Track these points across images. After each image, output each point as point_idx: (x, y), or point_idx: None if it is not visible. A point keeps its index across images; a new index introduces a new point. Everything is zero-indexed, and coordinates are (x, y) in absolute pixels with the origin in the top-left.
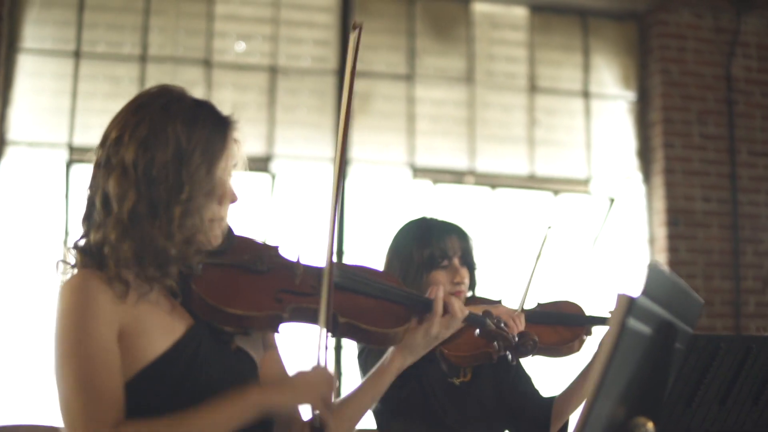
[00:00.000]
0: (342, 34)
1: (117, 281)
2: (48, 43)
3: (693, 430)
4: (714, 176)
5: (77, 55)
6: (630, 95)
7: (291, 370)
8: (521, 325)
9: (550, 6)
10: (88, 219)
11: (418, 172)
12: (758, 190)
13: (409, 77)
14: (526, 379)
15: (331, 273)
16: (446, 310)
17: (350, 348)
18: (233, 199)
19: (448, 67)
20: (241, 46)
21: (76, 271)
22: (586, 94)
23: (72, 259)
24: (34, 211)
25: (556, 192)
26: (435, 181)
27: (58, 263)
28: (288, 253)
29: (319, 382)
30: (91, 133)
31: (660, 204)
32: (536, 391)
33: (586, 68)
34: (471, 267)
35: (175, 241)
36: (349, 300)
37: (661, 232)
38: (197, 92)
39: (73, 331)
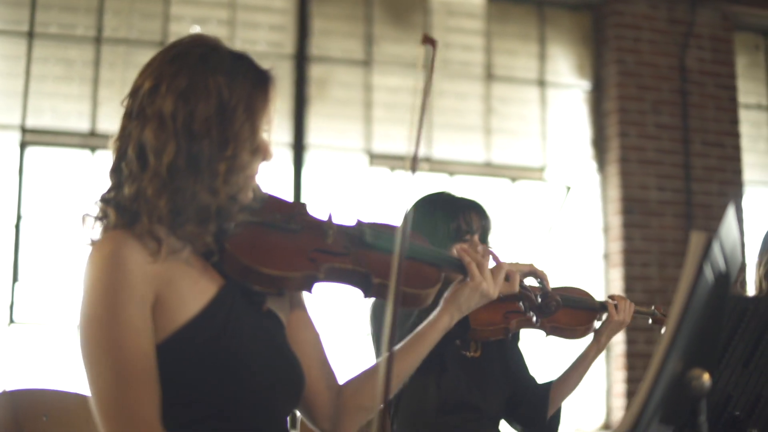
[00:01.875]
0: (299, 20)
1: (149, 238)
2: (0, 24)
3: (717, 393)
4: (668, 166)
5: (30, 36)
6: (585, 84)
7: (321, 330)
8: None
9: None
10: (116, 171)
11: (375, 158)
12: (711, 180)
13: (366, 63)
14: (523, 365)
15: (401, 253)
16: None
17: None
18: (268, 158)
19: (404, 54)
20: (195, 30)
21: (104, 229)
22: (541, 83)
23: (101, 214)
24: None
25: (512, 179)
26: (392, 168)
27: (84, 217)
28: (316, 211)
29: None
30: (44, 115)
31: (615, 193)
32: (532, 378)
33: (542, 57)
34: (486, 244)
35: (221, 197)
36: (383, 260)
37: (616, 221)
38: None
39: (103, 310)
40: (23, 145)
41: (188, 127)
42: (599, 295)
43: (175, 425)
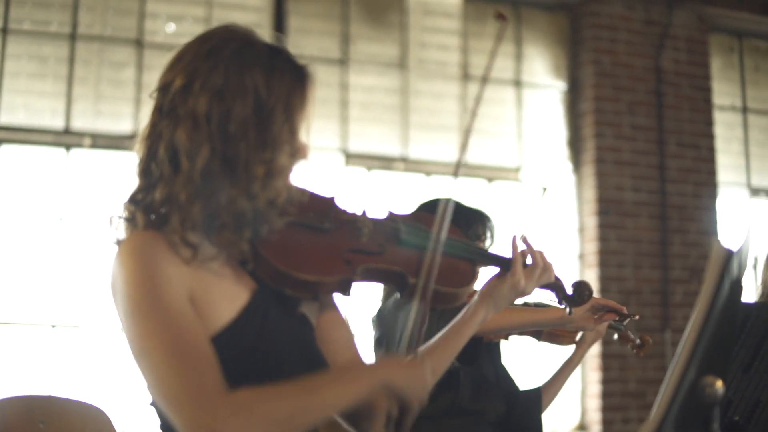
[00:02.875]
0: (276, 18)
1: (183, 245)
2: None
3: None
4: (643, 167)
5: (4, 32)
6: (561, 85)
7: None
8: None
9: None
10: (147, 172)
11: (351, 158)
12: (686, 181)
13: (343, 62)
14: (509, 375)
15: (433, 260)
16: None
17: None
18: (305, 158)
19: (381, 53)
20: (171, 28)
21: (132, 231)
22: (517, 84)
23: (129, 215)
24: None
25: (488, 179)
26: (368, 168)
27: (112, 219)
28: (346, 205)
29: (428, 384)
30: (17, 113)
31: (590, 193)
32: (518, 386)
33: (519, 58)
34: None
35: (259, 203)
36: (419, 259)
37: (592, 222)
38: (128, 73)
39: (144, 297)
40: None
41: (224, 128)
42: None
43: None
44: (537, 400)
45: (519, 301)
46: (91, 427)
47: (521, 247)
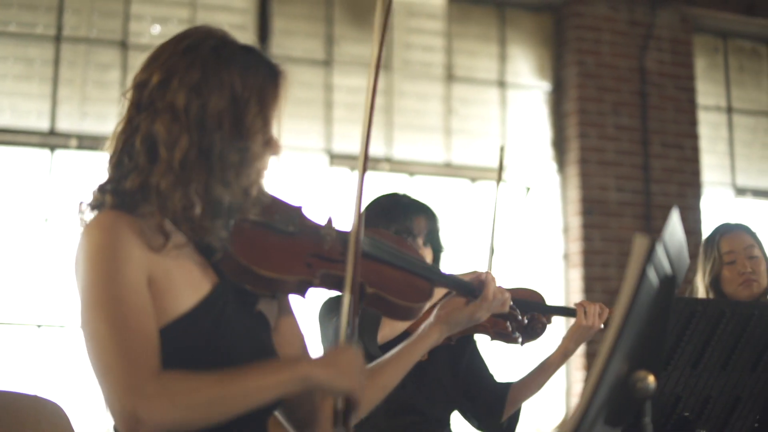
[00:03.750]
0: (260, 19)
1: (158, 232)
2: None
3: (666, 394)
4: (627, 167)
5: None
6: (545, 86)
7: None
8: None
9: None
10: (118, 162)
11: (335, 158)
12: (669, 181)
13: (327, 63)
14: (481, 363)
15: (358, 242)
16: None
17: None
18: (277, 153)
19: (365, 54)
20: (156, 29)
21: (101, 211)
22: (502, 84)
23: (95, 202)
24: None
25: (473, 180)
26: (352, 168)
27: (81, 204)
28: (312, 215)
29: (359, 367)
30: (3, 114)
31: (574, 193)
32: (491, 376)
33: (503, 58)
34: (436, 248)
35: (234, 191)
36: (377, 270)
37: (576, 221)
38: (113, 75)
39: (102, 273)
40: None
41: (201, 120)
42: (558, 295)
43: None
44: (502, 395)
45: None
46: (46, 422)
47: (491, 284)
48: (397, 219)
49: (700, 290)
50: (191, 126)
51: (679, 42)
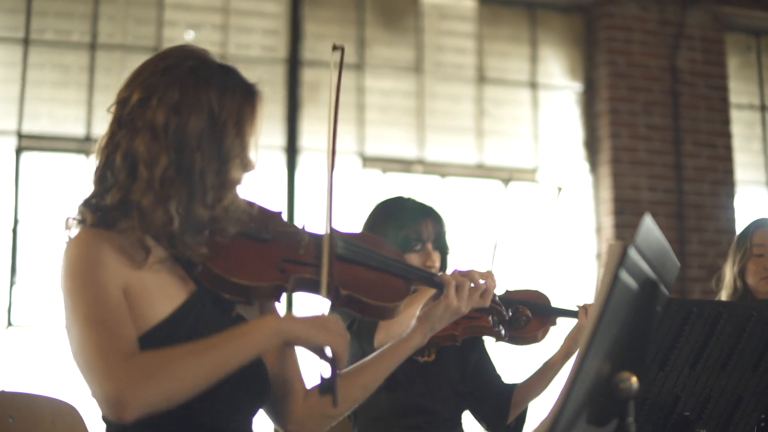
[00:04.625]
0: (292, 24)
1: (138, 247)
2: None
3: (664, 393)
4: (659, 166)
5: (26, 42)
6: (577, 86)
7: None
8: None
9: None
10: (101, 177)
11: (368, 161)
12: (702, 180)
13: (359, 67)
14: (489, 364)
15: (331, 243)
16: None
17: None
18: (252, 169)
19: (397, 57)
20: (190, 35)
21: (82, 228)
22: (533, 85)
23: (80, 217)
24: None
25: (504, 181)
26: (384, 171)
27: (67, 219)
28: (289, 220)
29: (336, 328)
30: (41, 121)
31: (607, 193)
32: (498, 377)
33: (534, 59)
34: (443, 251)
35: (216, 210)
36: (351, 272)
37: (608, 221)
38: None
39: (81, 280)
40: (19, 151)
41: (180, 139)
42: (591, 295)
43: (140, 424)
44: (507, 396)
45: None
46: (61, 423)
47: (460, 273)
48: (406, 224)
49: (728, 277)
50: (170, 145)
51: (710, 41)
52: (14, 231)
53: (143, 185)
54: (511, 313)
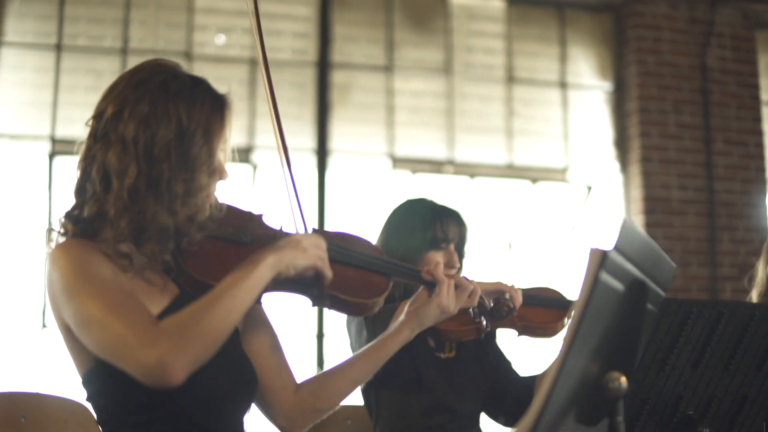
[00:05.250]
0: (321, 27)
1: (117, 256)
2: (29, 37)
3: (666, 393)
4: (690, 165)
5: (59, 48)
6: (606, 85)
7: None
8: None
9: None
10: (80, 190)
11: (398, 162)
12: (733, 178)
13: (388, 69)
14: (504, 359)
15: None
16: (457, 285)
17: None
18: (224, 177)
19: (426, 58)
20: (221, 39)
21: (65, 239)
22: (563, 85)
23: (63, 229)
24: (18, 203)
25: (534, 181)
26: (414, 171)
27: (49, 231)
28: (271, 221)
29: (314, 244)
30: (74, 125)
31: (637, 192)
32: (515, 371)
33: (563, 59)
34: (461, 255)
35: (179, 218)
36: (333, 270)
37: (639, 221)
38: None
39: (80, 276)
40: (52, 156)
41: (149, 151)
42: None
43: (130, 427)
44: (530, 388)
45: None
46: (73, 423)
47: (447, 272)
48: (434, 222)
49: (760, 276)
50: (140, 156)
51: (740, 38)
52: (50, 222)
53: (114, 196)
54: (493, 304)
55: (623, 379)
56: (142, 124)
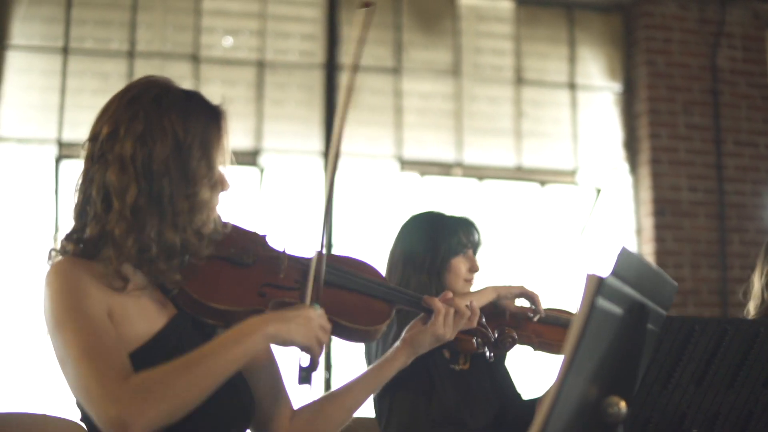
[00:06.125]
0: (329, 29)
1: (116, 277)
2: (36, 40)
3: (669, 412)
4: (700, 166)
5: (65, 51)
6: (616, 86)
7: (278, 359)
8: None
9: None
10: (81, 212)
11: (406, 164)
12: (744, 180)
13: (396, 70)
14: (512, 382)
15: (317, 269)
16: (456, 312)
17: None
18: (226, 188)
19: (434, 60)
20: (228, 41)
21: (61, 259)
22: (572, 86)
23: (62, 249)
24: (24, 207)
25: (542, 183)
26: (422, 174)
27: (50, 252)
28: (275, 242)
29: (321, 326)
30: (80, 129)
31: (647, 194)
32: (519, 394)
33: (572, 60)
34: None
35: (187, 234)
36: (333, 296)
37: (648, 222)
38: (185, 87)
39: (67, 310)
40: (59, 159)
41: (148, 168)
42: None
43: None
44: (530, 410)
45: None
46: None
47: (449, 302)
48: (458, 229)
49: (756, 288)
50: (139, 174)
51: (751, 38)
52: (55, 239)
53: (116, 215)
54: (497, 334)
55: (623, 404)
56: (139, 142)
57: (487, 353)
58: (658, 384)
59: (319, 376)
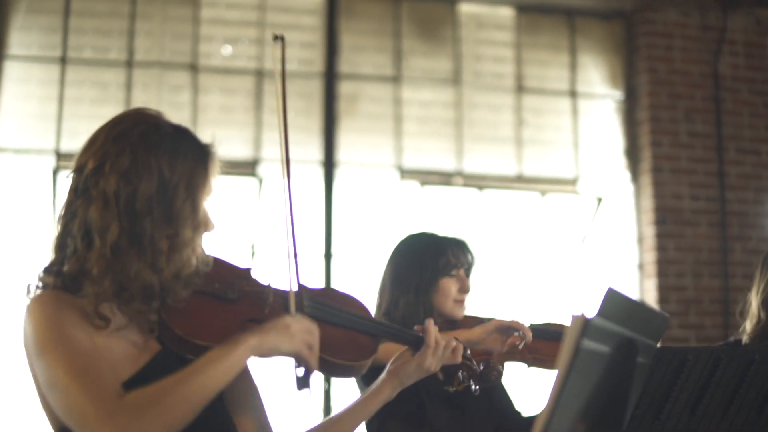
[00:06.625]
0: (328, 37)
1: (95, 316)
2: (34, 50)
3: None
4: (702, 174)
5: (63, 60)
6: (617, 94)
7: (263, 391)
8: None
9: (537, 6)
10: (61, 245)
11: (406, 173)
12: (746, 188)
13: (396, 79)
14: (511, 403)
15: (299, 302)
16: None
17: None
18: (210, 229)
19: (434, 68)
20: (227, 50)
21: (44, 291)
22: (573, 94)
23: (41, 283)
24: (21, 217)
25: (543, 192)
26: (423, 183)
27: (29, 286)
28: (259, 276)
29: (304, 330)
30: (79, 138)
31: (648, 203)
32: (519, 413)
33: (573, 68)
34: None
35: (164, 275)
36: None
37: (650, 231)
38: (184, 96)
39: (52, 337)
40: (57, 170)
41: (131, 206)
42: None
43: None
44: (530, 428)
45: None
46: None
47: (433, 331)
48: (446, 249)
49: (753, 306)
50: (121, 212)
51: (753, 45)
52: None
53: (96, 254)
54: (482, 367)
55: None
56: (123, 179)
57: (473, 386)
58: (650, 414)
59: (318, 388)
